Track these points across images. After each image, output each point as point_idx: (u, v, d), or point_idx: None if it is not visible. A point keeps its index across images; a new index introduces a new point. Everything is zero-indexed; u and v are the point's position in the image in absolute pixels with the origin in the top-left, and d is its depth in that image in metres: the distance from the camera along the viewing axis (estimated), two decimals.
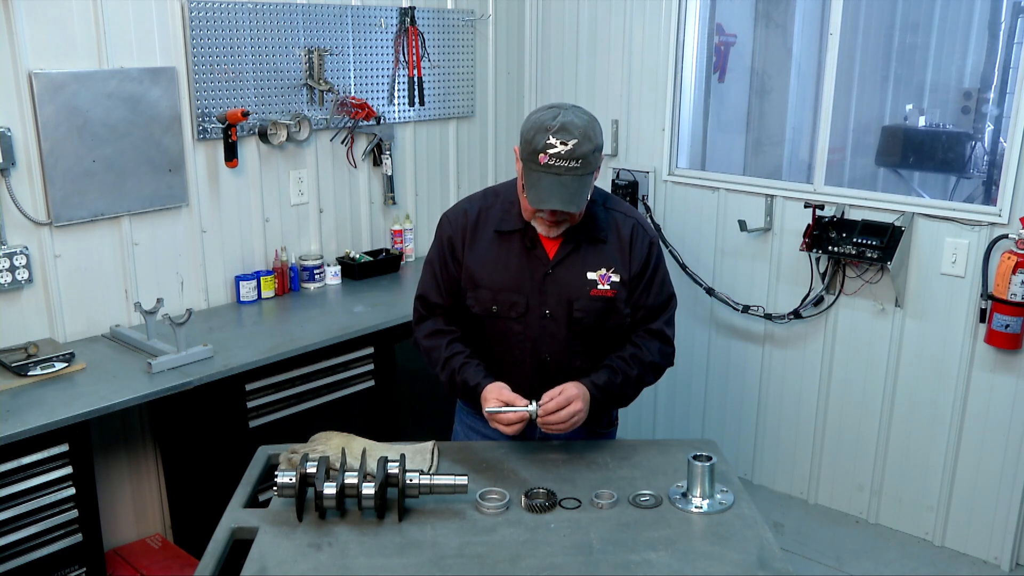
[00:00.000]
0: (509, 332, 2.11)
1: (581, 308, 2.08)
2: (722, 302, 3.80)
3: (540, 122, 1.93)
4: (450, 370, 2.10)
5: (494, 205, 2.13)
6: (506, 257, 2.09)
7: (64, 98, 2.74)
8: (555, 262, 2.08)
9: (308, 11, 3.37)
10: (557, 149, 1.89)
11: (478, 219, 2.12)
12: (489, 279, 2.09)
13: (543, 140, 1.90)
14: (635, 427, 4.29)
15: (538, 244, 2.08)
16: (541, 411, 1.95)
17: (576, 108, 1.96)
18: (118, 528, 3.13)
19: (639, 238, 2.13)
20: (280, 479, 1.81)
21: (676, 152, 3.91)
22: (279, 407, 2.91)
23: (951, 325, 3.26)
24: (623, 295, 2.11)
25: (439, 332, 2.17)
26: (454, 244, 2.12)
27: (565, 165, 1.90)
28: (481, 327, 2.14)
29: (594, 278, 2.08)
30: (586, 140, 1.91)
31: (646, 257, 2.13)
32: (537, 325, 2.09)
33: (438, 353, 2.13)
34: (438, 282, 2.16)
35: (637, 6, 3.87)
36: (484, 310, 2.10)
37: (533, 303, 2.08)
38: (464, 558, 1.70)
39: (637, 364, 2.11)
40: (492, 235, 2.10)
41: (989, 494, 3.28)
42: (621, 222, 2.13)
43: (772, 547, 1.76)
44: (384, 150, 3.71)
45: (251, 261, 3.40)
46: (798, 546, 3.46)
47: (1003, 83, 3.70)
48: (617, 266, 2.10)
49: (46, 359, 2.61)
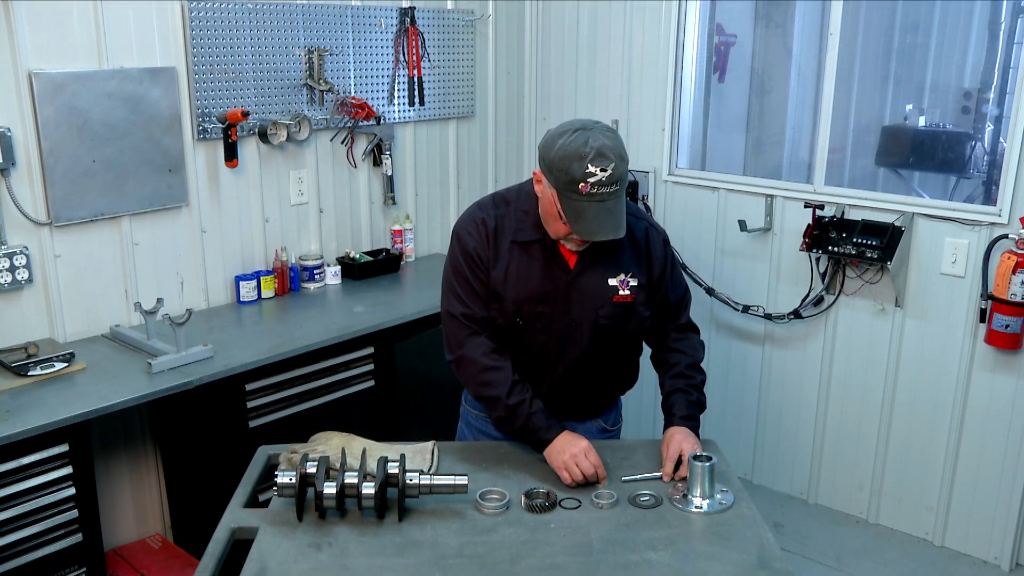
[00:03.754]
0: (534, 343, 2.10)
1: (606, 315, 2.08)
2: (722, 302, 3.80)
3: (573, 149, 1.86)
4: (519, 399, 2.02)
5: (507, 214, 2.09)
6: (527, 268, 2.06)
7: (64, 98, 2.74)
8: (577, 271, 2.06)
9: (308, 11, 3.37)
10: (598, 177, 1.84)
11: (496, 228, 2.07)
12: (512, 291, 2.06)
13: (581, 169, 1.84)
14: (635, 427, 4.29)
15: (558, 254, 2.06)
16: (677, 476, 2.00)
17: (601, 126, 1.92)
18: (118, 528, 3.13)
19: (654, 240, 2.14)
20: (280, 479, 1.81)
21: (676, 152, 3.91)
22: (279, 407, 2.91)
23: (951, 325, 3.26)
24: (642, 298, 2.12)
25: (498, 352, 2.08)
26: (480, 255, 2.06)
27: (608, 191, 1.86)
28: (505, 337, 2.11)
29: (615, 284, 2.08)
30: (620, 161, 1.88)
31: (663, 257, 2.14)
32: (562, 334, 2.08)
33: (503, 377, 2.04)
34: (478, 295, 2.08)
35: (637, 6, 3.87)
36: (508, 322, 2.08)
37: (558, 313, 2.07)
38: (464, 558, 1.70)
39: (696, 370, 2.21)
40: (509, 245, 2.07)
41: (989, 494, 3.28)
42: (633, 225, 2.11)
43: (772, 547, 1.76)
44: (384, 150, 3.71)
45: (251, 261, 3.40)
46: (798, 546, 3.46)
47: (1003, 83, 3.70)
48: (634, 270, 2.10)
49: (46, 359, 2.61)
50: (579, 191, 1.86)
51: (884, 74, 4.19)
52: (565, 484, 1.95)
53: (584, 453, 1.95)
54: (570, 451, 1.96)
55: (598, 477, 1.96)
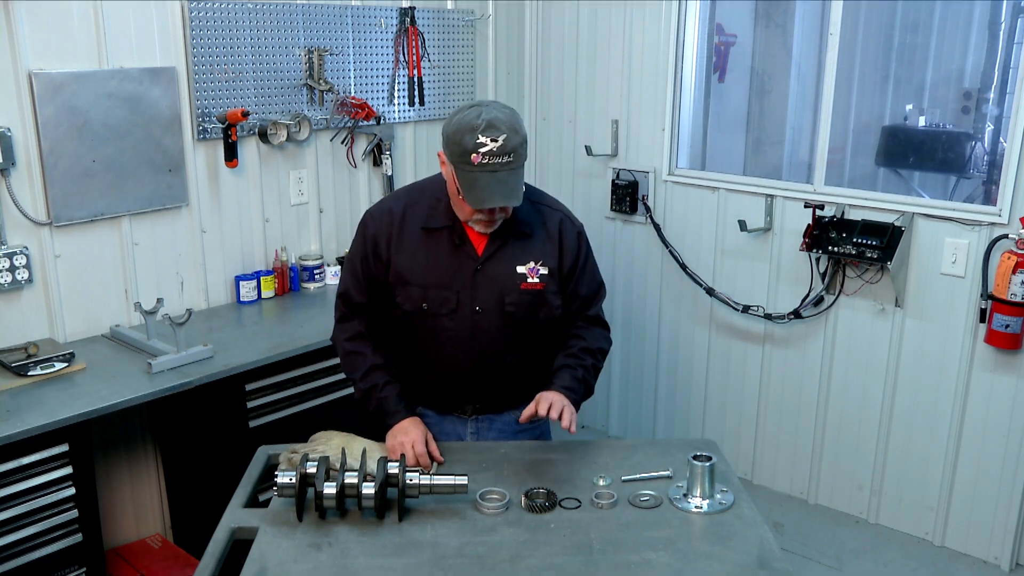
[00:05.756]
0: (440, 329, 2.11)
1: (512, 302, 2.09)
2: (722, 302, 3.80)
3: (465, 122, 1.92)
4: (371, 383, 2.13)
5: (419, 202, 2.13)
6: (435, 254, 2.09)
7: (64, 98, 2.74)
8: (484, 257, 2.09)
9: (308, 11, 3.37)
10: (488, 147, 1.90)
11: (404, 216, 2.12)
12: (419, 276, 2.09)
13: (472, 140, 1.90)
14: (635, 427, 4.29)
15: (466, 240, 2.09)
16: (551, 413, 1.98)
17: (496, 104, 1.98)
18: (118, 528, 3.13)
19: (568, 232, 2.16)
20: (280, 479, 1.81)
21: (676, 152, 3.91)
22: (279, 407, 2.91)
23: (951, 325, 3.26)
24: (552, 287, 2.13)
25: (362, 337, 2.18)
26: (378, 242, 2.12)
27: (499, 161, 1.91)
28: (411, 325, 2.13)
29: (523, 271, 2.10)
30: (513, 133, 1.93)
31: (576, 250, 2.16)
32: (469, 321, 2.09)
33: (362, 360, 2.15)
34: (359, 280, 2.16)
35: (637, 6, 3.87)
36: (415, 307, 2.10)
37: (464, 299, 2.09)
38: (464, 558, 1.70)
39: (588, 354, 2.17)
40: (419, 232, 2.10)
41: (989, 494, 3.27)
42: (548, 215, 2.15)
43: (772, 547, 1.76)
44: (384, 150, 3.71)
45: (251, 261, 3.40)
46: (798, 546, 3.46)
47: (1003, 83, 3.70)
48: (545, 259, 2.12)
49: (46, 359, 2.61)
50: (471, 162, 1.91)
51: (884, 74, 4.20)
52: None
53: (412, 443, 2.01)
54: (401, 437, 2.03)
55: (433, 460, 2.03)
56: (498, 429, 2.23)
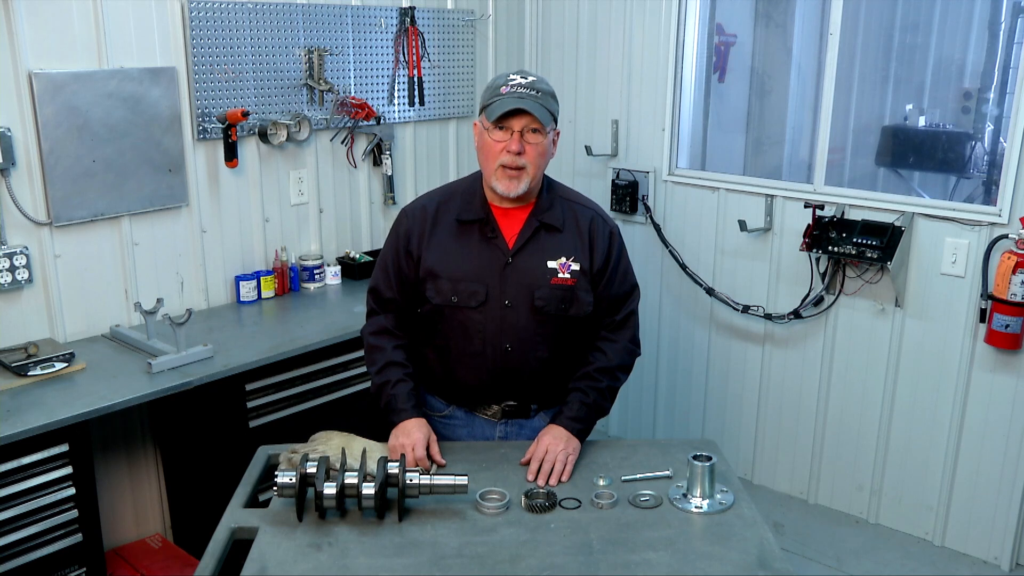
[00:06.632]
0: (469, 322, 2.10)
1: (542, 296, 2.08)
2: (722, 302, 3.80)
3: (499, 75, 2.06)
4: (384, 379, 2.12)
5: (454, 198, 2.15)
6: (466, 247, 2.10)
7: (64, 98, 2.74)
8: (515, 251, 2.09)
9: (308, 11, 3.37)
10: (517, 80, 2.01)
11: (437, 212, 2.13)
12: (449, 269, 2.09)
13: (503, 78, 2.02)
14: (635, 427, 4.29)
15: (498, 233, 2.09)
16: (539, 479, 1.98)
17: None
18: (118, 528, 3.13)
19: (599, 230, 2.15)
20: (280, 479, 1.81)
21: (676, 152, 3.91)
22: (279, 407, 2.91)
23: (951, 325, 3.26)
24: (584, 284, 2.11)
25: (386, 332, 2.19)
26: (410, 238, 2.13)
27: (527, 92, 1.99)
28: (440, 318, 2.13)
29: (554, 266, 2.09)
30: (544, 84, 2.03)
31: (608, 249, 2.15)
32: (498, 314, 2.09)
33: (381, 356, 2.16)
34: (389, 275, 2.17)
35: (637, 6, 3.87)
36: (444, 300, 2.10)
37: (493, 292, 2.08)
38: (464, 558, 1.70)
39: (605, 375, 2.14)
40: (452, 225, 2.11)
41: (989, 494, 3.28)
42: (580, 212, 2.15)
43: (772, 547, 1.76)
44: (384, 150, 3.71)
45: (251, 261, 3.40)
46: (798, 546, 3.46)
47: (1003, 83, 3.70)
48: (577, 255, 2.11)
49: (46, 359, 2.61)
50: (500, 93, 2.00)
51: (884, 74, 4.19)
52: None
53: (413, 446, 2.00)
54: (402, 439, 2.03)
55: (433, 463, 2.03)
56: (527, 436, 2.20)
